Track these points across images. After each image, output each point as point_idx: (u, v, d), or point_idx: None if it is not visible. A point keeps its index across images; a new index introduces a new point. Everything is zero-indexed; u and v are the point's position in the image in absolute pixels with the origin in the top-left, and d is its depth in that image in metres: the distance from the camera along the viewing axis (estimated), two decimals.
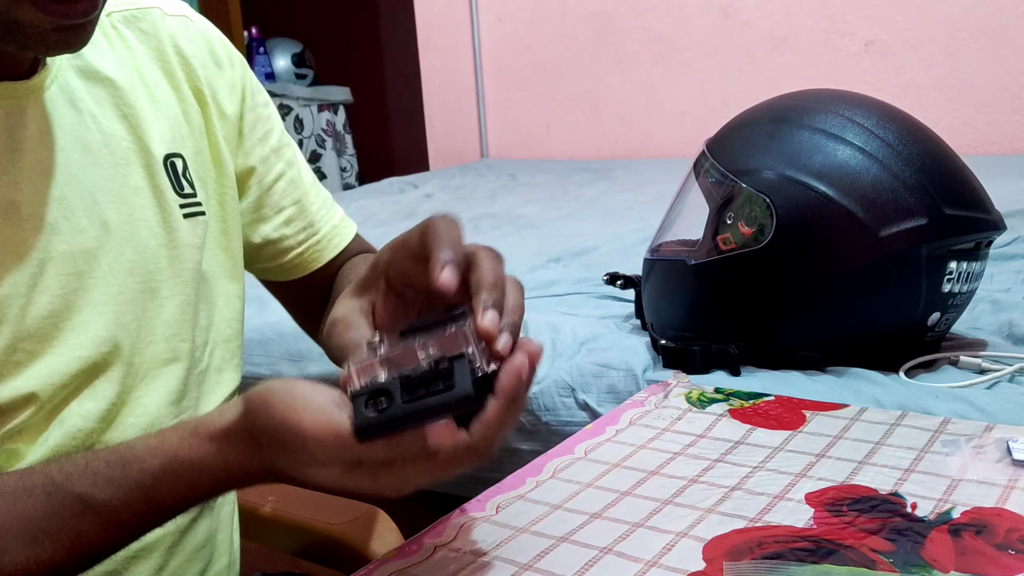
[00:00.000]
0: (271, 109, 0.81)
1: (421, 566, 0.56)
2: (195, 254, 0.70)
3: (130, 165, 0.66)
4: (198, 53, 0.73)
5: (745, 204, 0.92)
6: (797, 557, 0.54)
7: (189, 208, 0.70)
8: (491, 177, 2.95)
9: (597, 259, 1.60)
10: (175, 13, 0.74)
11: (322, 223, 0.82)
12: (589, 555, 0.56)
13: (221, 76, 0.75)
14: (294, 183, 0.81)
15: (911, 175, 0.88)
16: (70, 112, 0.63)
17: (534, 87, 3.38)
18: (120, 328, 0.64)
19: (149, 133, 0.68)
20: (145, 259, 0.66)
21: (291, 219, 0.80)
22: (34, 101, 0.60)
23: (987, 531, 0.55)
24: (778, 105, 0.99)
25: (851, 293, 0.89)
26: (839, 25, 2.73)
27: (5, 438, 0.58)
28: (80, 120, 0.63)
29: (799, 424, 0.75)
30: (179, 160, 0.70)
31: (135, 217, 0.66)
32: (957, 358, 0.91)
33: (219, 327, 0.73)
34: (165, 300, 0.67)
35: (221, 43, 0.76)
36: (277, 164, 0.80)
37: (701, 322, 0.97)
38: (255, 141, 0.78)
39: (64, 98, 0.63)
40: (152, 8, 0.72)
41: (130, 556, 0.65)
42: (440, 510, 0.64)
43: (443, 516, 0.62)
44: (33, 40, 0.53)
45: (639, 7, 3.08)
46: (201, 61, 0.73)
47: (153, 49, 0.71)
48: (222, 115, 0.75)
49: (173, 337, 0.68)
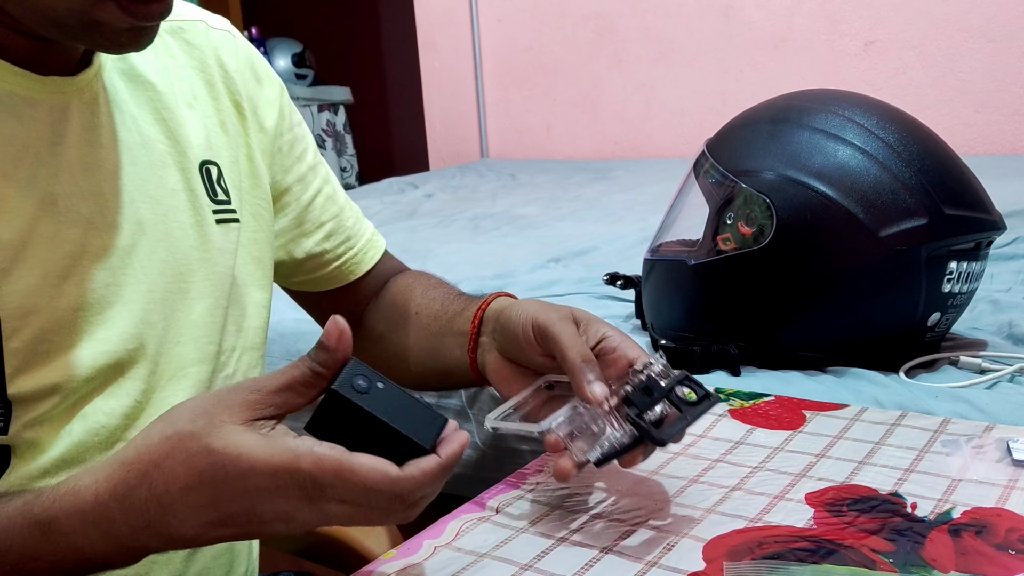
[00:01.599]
0: (304, 128, 0.83)
1: (421, 566, 0.56)
2: (227, 259, 0.71)
3: (166, 167, 0.68)
4: (240, 67, 0.76)
5: (745, 204, 0.92)
6: (797, 557, 0.54)
7: (223, 214, 0.71)
8: (491, 177, 2.95)
9: (597, 259, 1.60)
10: (219, 27, 0.76)
11: (358, 237, 0.86)
12: (589, 555, 0.56)
13: (261, 91, 0.77)
14: (331, 199, 0.83)
15: (911, 175, 0.88)
16: (112, 111, 0.64)
17: (534, 87, 3.38)
18: (147, 326, 0.64)
19: (186, 138, 0.69)
20: (177, 260, 0.67)
21: (331, 233, 0.83)
22: (79, 98, 0.62)
23: (987, 531, 0.55)
24: (778, 105, 0.99)
25: (851, 293, 0.89)
26: (839, 25, 2.73)
27: (26, 427, 0.58)
28: (121, 120, 0.65)
29: (799, 424, 0.75)
30: (214, 167, 0.71)
31: (169, 218, 0.67)
32: (957, 358, 0.91)
33: (247, 334, 0.74)
34: (194, 302, 0.68)
35: (260, 60, 0.79)
36: (314, 181, 0.82)
37: (701, 322, 0.97)
38: (292, 160, 0.80)
39: (107, 97, 0.64)
40: (197, 21, 0.75)
41: (150, 560, 0.64)
42: (440, 510, 0.64)
43: (443, 516, 0.62)
44: (106, 38, 0.55)
45: (639, 7, 3.08)
46: (243, 76, 0.76)
47: (196, 60, 0.73)
48: (261, 128, 0.77)
49: (200, 339, 0.69)
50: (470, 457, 1.00)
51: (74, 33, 0.55)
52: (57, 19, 0.54)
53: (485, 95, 3.50)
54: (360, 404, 0.49)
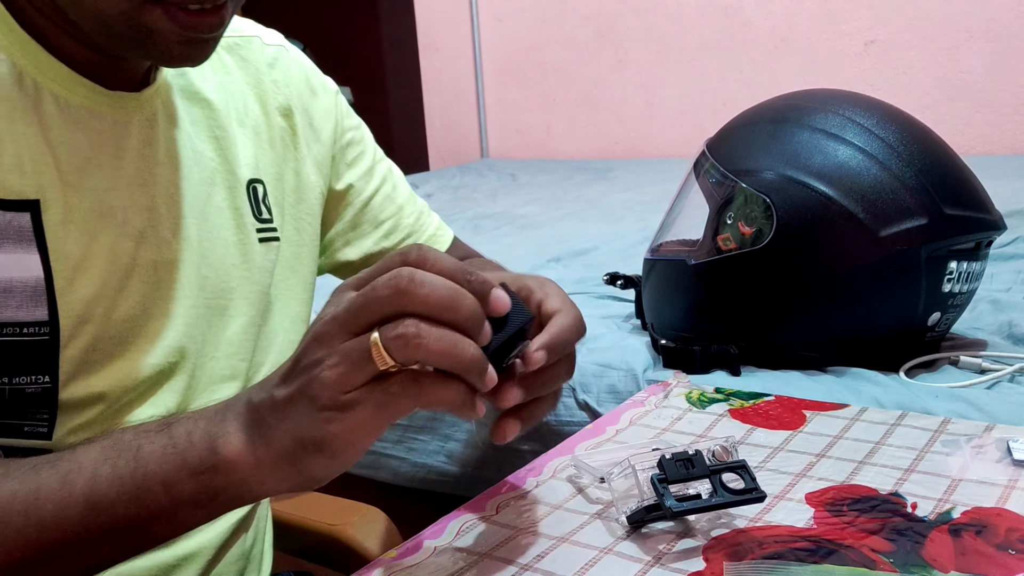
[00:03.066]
0: (363, 130, 0.85)
1: (421, 566, 0.56)
2: (265, 278, 0.72)
3: (215, 185, 0.69)
4: (294, 81, 0.78)
5: (745, 204, 0.92)
6: (797, 557, 0.54)
7: (265, 233, 0.72)
8: (491, 177, 2.95)
9: (597, 259, 1.60)
10: (273, 43, 0.78)
11: (420, 233, 0.87)
12: (589, 555, 0.56)
13: (316, 102, 0.79)
14: (390, 198, 0.85)
15: (911, 175, 0.88)
16: (169, 128, 0.66)
17: (534, 87, 3.38)
18: (188, 340, 0.65)
19: (236, 157, 0.71)
20: (219, 276, 0.68)
21: (390, 232, 0.84)
22: (139, 114, 0.63)
23: (987, 531, 0.55)
24: (778, 105, 0.99)
25: (851, 293, 0.89)
26: (839, 25, 2.73)
27: (70, 433, 0.59)
28: (176, 137, 0.66)
29: (799, 424, 0.75)
30: (260, 186, 0.73)
31: (214, 235, 0.68)
32: (957, 358, 0.91)
33: (281, 348, 0.75)
34: (231, 319, 0.69)
35: (314, 72, 0.81)
36: (372, 182, 0.83)
37: (701, 322, 0.97)
38: (347, 165, 0.82)
39: (165, 114, 0.66)
40: (253, 37, 0.77)
41: (173, 563, 0.67)
42: (440, 510, 0.64)
43: (443, 516, 0.62)
44: (159, 49, 0.56)
45: (639, 7, 3.08)
46: (298, 89, 0.78)
47: (250, 76, 0.75)
48: (317, 139, 0.78)
49: (234, 355, 0.70)
50: (471, 456, 1.01)
51: (126, 41, 0.56)
52: (110, 25, 0.55)
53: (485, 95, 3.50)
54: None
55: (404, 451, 1.07)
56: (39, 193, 0.57)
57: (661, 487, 0.56)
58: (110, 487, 0.49)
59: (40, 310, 0.57)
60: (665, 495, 0.56)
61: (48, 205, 0.57)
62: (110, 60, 0.60)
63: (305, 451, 0.47)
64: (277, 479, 0.48)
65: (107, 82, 0.61)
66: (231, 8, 0.57)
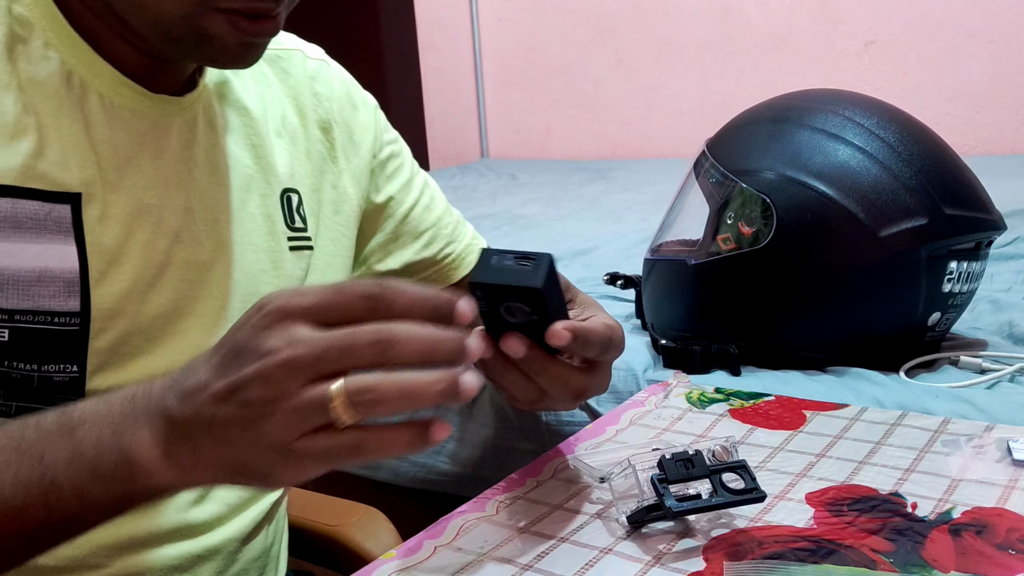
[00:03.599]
0: (400, 144, 0.86)
1: (421, 566, 0.56)
2: (295, 285, 0.73)
3: (250, 191, 0.70)
4: (335, 95, 0.79)
5: (745, 204, 0.92)
6: (797, 557, 0.54)
7: (297, 242, 0.73)
8: (491, 177, 2.95)
9: (597, 259, 1.60)
10: (315, 57, 0.80)
11: (457, 242, 0.88)
12: (589, 555, 0.56)
13: (357, 117, 0.81)
14: (428, 208, 0.86)
15: (911, 175, 0.88)
16: (208, 133, 0.67)
17: (534, 87, 3.38)
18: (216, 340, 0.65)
19: (272, 165, 0.72)
20: (248, 281, 0.69)
21: (429, 242, 0.86)
22: (181, 117, 0.65)
23: (987, 531, 0.55)
24: (778, 105, 0.99)
25: (851, 293, 0.89)
26: (839, 25, 2.73)
27: None
28: (214, 142, 0.68)
29: (799, 424, 0.75)
30: (295, 195, 0.74)
31: (246, 240, 0.69)
32: (957, 358, 0.91)
33: None
34: None
35: (355, 87, 0.82)
36: (411, 194, 0.85)
37: (701, 322, 0.97)
38: (386, 178, 0.83)
39: (205, 119, 0.67)
40: (295, 51, 0.78)
41: (194, 557, 0.68)
42: (440, 510, 0.64)
43: (443, 516, 0.62)
44: (216, 52, 0.58)
45: (639, 7, 3.08)
46: (338, 103, 0.79)
47: (290, 88, 0.76)
48: (356, 153, 0.79)
49: None
50: (471, 456, 1.00)
51: (185, 45, 0.58)
52: (170, 30, 0.56)
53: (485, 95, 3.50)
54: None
55: None
56: (81, 187, 0.59)
57: (661, 487, 0.56)
58: (15, 494, 0.47)
59: (73, 300, 0.58)
60: (665, 495, 0.56)
61: (88, 199, 0.59)
62: (156, 63, 0.62)
63: (245, 475, 0.46)
64: (200, 481, 0.48)
65: (151, 85, 0.63)
66: (284, 15, 0.60)
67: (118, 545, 0.64)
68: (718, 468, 0.58)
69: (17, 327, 0.57)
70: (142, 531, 0.65)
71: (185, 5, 0.55)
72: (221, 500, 0.70)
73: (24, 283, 0.57)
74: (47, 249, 0.57)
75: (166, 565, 0.66)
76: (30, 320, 0.57)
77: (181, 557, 0.67)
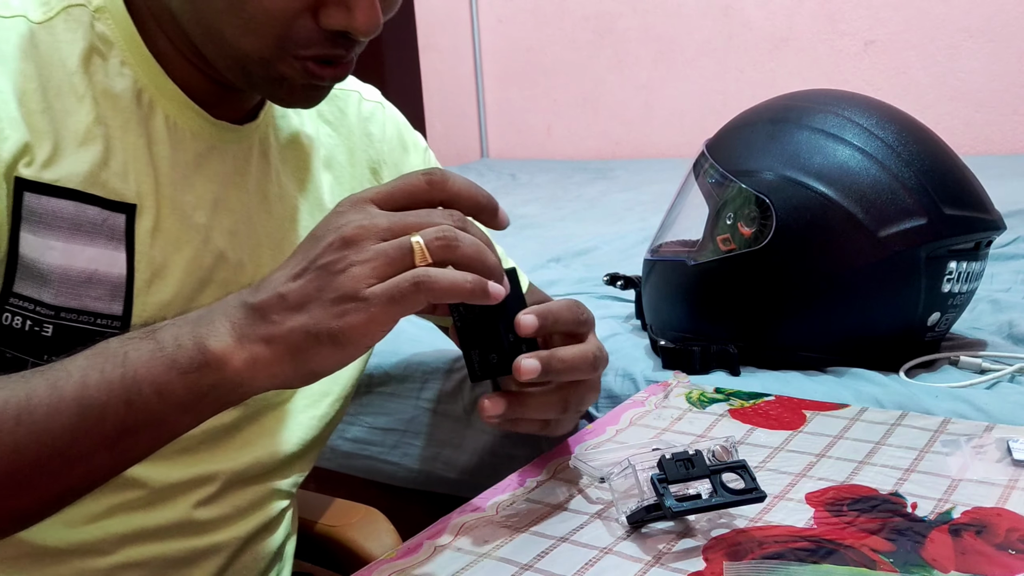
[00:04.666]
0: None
1: (421, 566, 0.56)
2: None
3: (295, 221, 0.73)
4: (388, 137, 0.83)
5: (744, 205, 0.92)
6: (797, 557, 0.54)
7: None
8: (491, 177, 2.95)
9: (597, 259, 1.60)
10: (372, 99, 0.84)
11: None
12: (589, 555, 0.56)
13: (407, 159, 0.85)
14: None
15: (910, 175, 0.88)
16: (261, 162, 0.71)
17: (534, 87, 3.38)
18: None
19: (319, 199, 0.75)
20: None
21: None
22: (237, 145, 0.69)
23: (987, 531, 0.55)
24: (777, 105, 0.99)
25: (851, 294, 0.89)
26: (839, 25, 2.73)
27: None
28: (265, 171, 0.71)
29: (799, 424, 0.75)
30: None
31: None
32: (957, 358, 0.91)
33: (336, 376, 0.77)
34: None
35: (407, 129, 0.87)
36: None
37: (701, 323, 0.97)
38: None
39: (260, 149, 0.71)
40: (352, 92, 0.82)
41: (197, 552, 0.69)
42: (440, 510, 0.64)
43: (443, 516, 0.62)
44: (285, 91, 0.62)
45: (639, 7, 3.08)
46: (390, 145, 0.83)
47: (343, 127, 0.79)
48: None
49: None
50: (468, 463, 1.00)
51: (257, 82, 0.62)
52: (247, 66, 0.60)
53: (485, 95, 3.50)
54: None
55: (399, 456, 1.07)
56: (137, 199, 0.62)
57: (661, 487, 0.57)
58: (99, 391, 0.50)
59: (116, 305, 0.61)
60: (665, 495, 0.56)
61: (142, 212, 0.62)
62: (222, 91, 0.66)
63: (317, 343, 0.49)
64: (270, 374, 0.50)
65: (214, 111, 0.66)
66: (355, 60, 0.64)
67: (126, 535, 0.66)
68: (718, 468, 0.58)
69: (61, 324, 0.60)
70: (151, 523, 0.67)
71: (265, 49, 0.59)
72: (229, 503, 0.71)
73: (73, 283, 0.60)
74: (100, 253, 0.60)
75: (169, 557, 0.68)
76: (74, 319, 0.60)
77: (185, 551, 0.68)
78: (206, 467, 0.69)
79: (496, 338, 0.59)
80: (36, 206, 0.58)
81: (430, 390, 1.05)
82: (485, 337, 0.59)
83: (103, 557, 0.65)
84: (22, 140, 0.57)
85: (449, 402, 1.03)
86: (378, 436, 1.08)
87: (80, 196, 0.60)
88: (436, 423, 1.04)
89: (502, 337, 0.59)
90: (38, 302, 0.59)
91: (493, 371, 0.60)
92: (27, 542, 0.63)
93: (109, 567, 0.66)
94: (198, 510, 0.69)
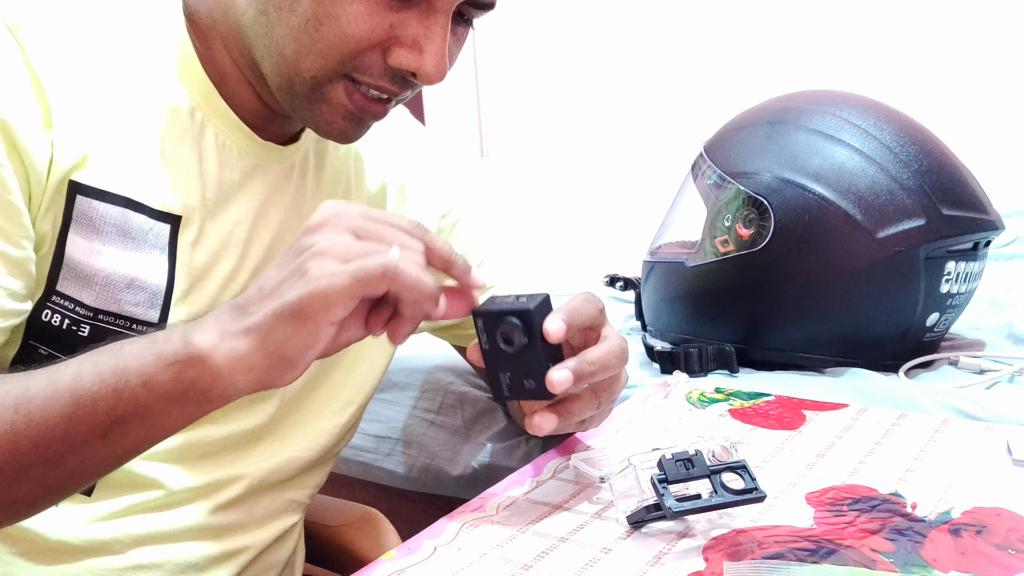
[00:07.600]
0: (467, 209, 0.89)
1: (421, 566, 0.56)
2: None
3: None
4: (416, 159, 0.84)
5: (742, 206, 0.92)
6: (797, 557, 0.54)
7: None
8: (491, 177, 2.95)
9: (597, 260, 1.60)
10: (402, 120, 0.85)
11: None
12: (589, 555, 0.56)
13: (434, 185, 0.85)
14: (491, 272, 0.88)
15: (908, 176, 0.88)
16: (300, 182, 0.73)
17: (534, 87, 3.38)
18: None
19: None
20: None
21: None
22: (279, 165, 0.70)
23: (987, 531, 0.55)
24: (775, 107, 0.99)
25: (849, 294, 0.89)
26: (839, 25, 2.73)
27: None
28: (301, 192, 0.73)
29: (799, 424, 0.75)
30: None
31: None
32: (957, 358, 0.92)
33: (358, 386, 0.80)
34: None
35: (435, 150, 0.88)
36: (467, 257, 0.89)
37: (700, 324, 0.97)
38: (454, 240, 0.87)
39: (300, 170, 0.73)
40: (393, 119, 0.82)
41: (211, 558, 0.70)
42: (440, 510, 0.64)
43: (443, 516, 0.62)
44: (323, 117, 0.64)
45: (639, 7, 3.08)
46: (417, 167, 0.83)
47: (379, 151, 0.80)
48: (426, 213, 0.83)
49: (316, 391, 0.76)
50: (463, 475, 1.00)
51: (299, 102, 0.63)
52: (294, 83, 0.62)
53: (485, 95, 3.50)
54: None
55: (393, 464, 1.06)
56: (182, 211, 0.64)
57: (661, 487, 0.57)
58: (92, 381, 0.52)
59: (153, 312, 0.63)
60: (665, 495, 0.56)
61: (186, 223, 0.64)
62: (270, 114, 0.68)
63: (282, 321, 0.51)
64: (248, 366, 0.52)
65: (261, 132, 0.68)
66: (395, 105, 0.65)
67: (139, 537, 0.66)
68: (718, 468, 0.58)
69: (97, 325, 0.61)
70: (167, 526, 0.67)
71: (322, 69, 0.61)
72: (247, 510, 0.72)
73: (114, 287, 0.61)
74: (143, 259, 0.62)
75: (182, 562, 0.68)
76: (111, 322, 0.62)
77: (199, 556, 0.69)
78: (227, 472, 0.70)
79: (536, 365, 0.60)
80: (87, 210, 0.60)
81: (429, 400, 1.04)
82: (518, 362, 0.60)
83: (116, 556, 0.66)
84: (82, 150, 0.59)
85: (449, 414, 1.02)
86: (371, 443, 1.07)
87: (130, 203, 0.61)
88: (432, 434, 1.04)
89: (544, 365, 0.59)
90: (79, 302, 0.61)
91: (526, 395, 0.61)
92: (42, 537, 0.64)
93: (122, 567, 0.66)
94: (215, 515, 0.69)
